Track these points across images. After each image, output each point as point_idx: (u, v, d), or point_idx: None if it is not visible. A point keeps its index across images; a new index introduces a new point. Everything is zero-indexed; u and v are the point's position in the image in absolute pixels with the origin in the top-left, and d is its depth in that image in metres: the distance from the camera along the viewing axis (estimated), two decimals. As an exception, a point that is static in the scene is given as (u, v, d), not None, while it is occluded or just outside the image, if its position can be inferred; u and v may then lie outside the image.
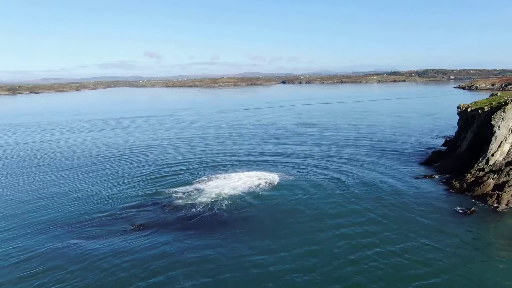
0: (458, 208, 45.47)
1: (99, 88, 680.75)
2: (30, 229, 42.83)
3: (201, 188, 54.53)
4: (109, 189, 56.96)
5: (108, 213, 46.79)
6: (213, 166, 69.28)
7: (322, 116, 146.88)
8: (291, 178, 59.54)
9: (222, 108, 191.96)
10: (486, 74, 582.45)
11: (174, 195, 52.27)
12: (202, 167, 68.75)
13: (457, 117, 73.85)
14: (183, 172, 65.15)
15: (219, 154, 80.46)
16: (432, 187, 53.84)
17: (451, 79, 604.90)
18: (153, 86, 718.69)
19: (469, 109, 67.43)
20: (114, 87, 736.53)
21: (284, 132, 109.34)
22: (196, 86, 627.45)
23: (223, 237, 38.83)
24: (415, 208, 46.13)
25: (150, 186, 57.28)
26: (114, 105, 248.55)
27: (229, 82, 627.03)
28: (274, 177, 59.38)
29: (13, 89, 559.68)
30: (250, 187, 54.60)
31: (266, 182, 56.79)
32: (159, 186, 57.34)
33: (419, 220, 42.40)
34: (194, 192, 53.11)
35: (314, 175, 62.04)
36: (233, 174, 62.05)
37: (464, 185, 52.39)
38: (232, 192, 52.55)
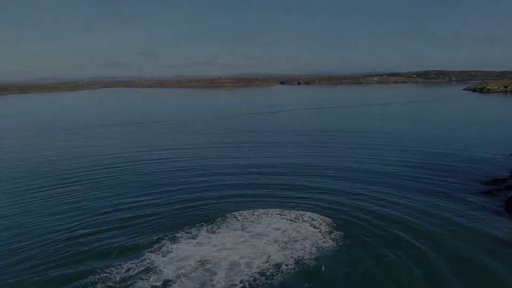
0: None
1: (94, 89, 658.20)
2: None
3: (161, 266, 28.69)
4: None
5: None
6: (193, 206, 42.91)
7: (339, 122, 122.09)
8: (329, 236, 33.61)
9: (216, 113, 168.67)
10: (487, 75, 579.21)
11: (99, 286, 26.60)
12: (172, 208, 42.47)
13: (504, 129, 49.79)
14: (135, 220, 38.70)
15: (202, 182, 53.19)
16: None
17: (453, 80, 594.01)
18: (149, 86, 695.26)
19: None
20: (110, 87, 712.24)
21: (293, 139, 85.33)
22: (192, 86, 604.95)
23: None
24: None
25: (66, 256, 31.28)
26: (101, 107, 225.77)
27: (227, 82, 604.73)
28: (301, 239, 32.97)
29: (2, 89, 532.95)
30: (262, 269, 27.61)
31: (288, 253, 30.14)
32: (83, 255, 31.45)
33: None
34: (145, 278, 27.16)
35: (365, 220, 37.69)
36: (222, 227, 35.76)
37: None
38: (224, 284, 25.95)
